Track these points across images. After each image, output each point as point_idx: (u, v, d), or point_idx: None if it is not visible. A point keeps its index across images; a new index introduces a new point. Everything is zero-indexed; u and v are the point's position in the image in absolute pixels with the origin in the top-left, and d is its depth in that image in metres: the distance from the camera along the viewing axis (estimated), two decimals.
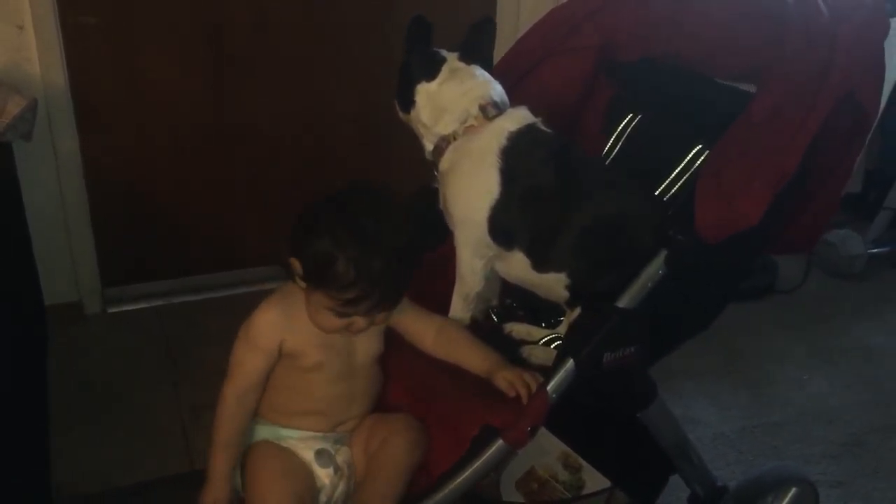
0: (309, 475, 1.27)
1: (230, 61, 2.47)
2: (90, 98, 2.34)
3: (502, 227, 1.36)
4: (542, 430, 1.74)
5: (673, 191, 1.42)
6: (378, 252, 1.15)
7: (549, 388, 1.26)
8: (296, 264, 1.21)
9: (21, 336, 2.04)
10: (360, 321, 1.22)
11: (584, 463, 1.70)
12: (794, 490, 1.66)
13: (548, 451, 1.73)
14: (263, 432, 1.30)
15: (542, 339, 1.52)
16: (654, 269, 1.28)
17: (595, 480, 1.66)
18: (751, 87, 1.39)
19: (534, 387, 1.28)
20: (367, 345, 1.31)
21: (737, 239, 1.25)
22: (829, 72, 1.26)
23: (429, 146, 1.44)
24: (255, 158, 2.59)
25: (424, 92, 1.42)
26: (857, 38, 1.28)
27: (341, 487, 1.30)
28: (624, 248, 1.33)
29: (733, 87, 1.45)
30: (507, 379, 1.29)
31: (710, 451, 2.04)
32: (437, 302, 1.47)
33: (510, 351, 1.44)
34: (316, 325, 1.23)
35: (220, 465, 1.25)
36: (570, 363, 1.27)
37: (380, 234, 1.16)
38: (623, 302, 1.28)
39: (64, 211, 2.40)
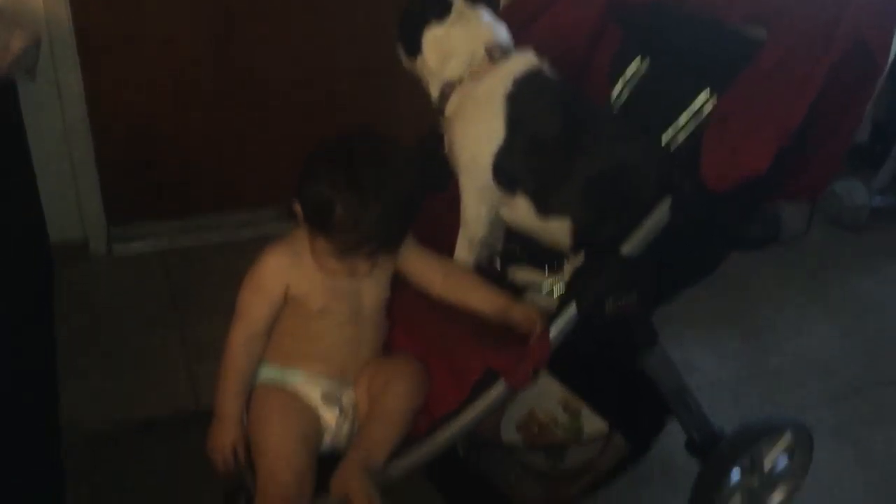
0: (313, 416, 1.29)
1: (238, 10, 2.44)
2: (94, 34, 2.31)
3: (506, 173, 1.37)
4: (544, 375, 1.79)
5: (679, 138, 1.41)
6: (376, 198, 1.16)
7: (551, 331, 1.28)
8: (298, 209, 1.22)
9: (27, 271, 2.05)
10: (362, 265, 1.23)
11: (583, 408, 1.74)
12: (789, 435, 1.69)
13: (549, 395, 1.76)
14: (268, 374, 1.31)
15: (545, 285, 1.53)
16: (659, 216, 1.29)
17: (594, 425, 1.70)
18: (760, 32, 1.38)
19: (542, 326, 1.29)
20: (374, 290, 1.32)
21: (742, 187, 1.26)
22: (838, 21, 1.26)
23: (434, 92, 1.44)
24: (258, 101, 2.56)
25: (432, 36, 1.42)
26: None
27: (346, 428, 1.32)
28: (628, 196, 1.33)
29: (742, 33, 1.43)
30: (523, 312, 1.32)
31: (708, 398, 2.02)
32: (442, 247, 1.48)
33: (513, 295, 1.46)
34: (320, 269, 1.24)
35: (229, 407, 1.27)
36: (572, 308, 1.29)
37: (378, 181, 1.16)
38: (627, 249, 1.29)
39: (68, 148, 2.39)
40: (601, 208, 1.36)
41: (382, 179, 1.17)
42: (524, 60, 1.39)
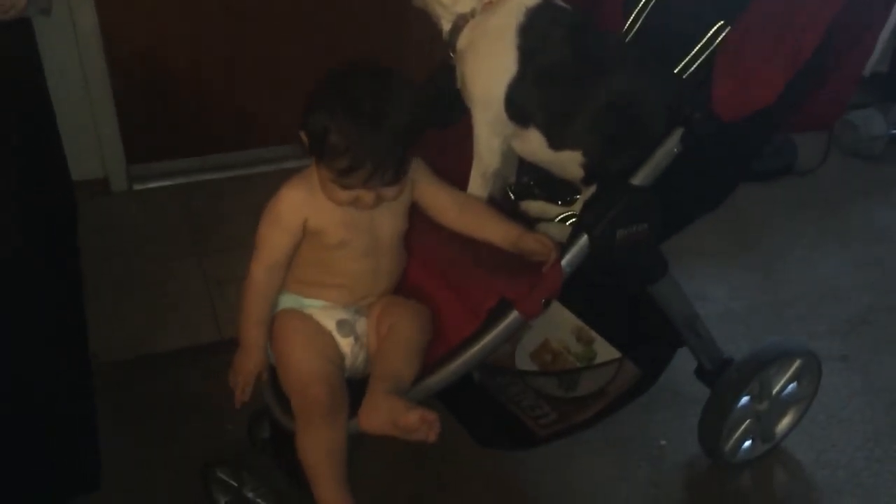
0: (332, 342, 1.33)
1: None
2: None
3: (519, 106, 1.37)
4: (556, 305, 1.83)
5: (693, 68, 1.40)
6: (368, 124, 1.17)
7: (563, 261, 1.31)
8: (303, 137, 1.24)
9: (51, 208, 2.09)
10: (365, 196, 1.24)
11: (596, 336, 1.78)
12: (798, 362, 1.72)
13: (561, 325, 1.80)
14: (287, 301, 1.35)
15: (557, 217, 1.55)
16: (669, 147, 1.30)
17: (606, 353, 1.74)
18: None
19: (556, 254, 1.31)
20: (390, 222, 1.34)
21: (753, 117, 1.27)
22: None
23: (446, 26, 1.43)
24: (270, 36, 2.57)
25: None
26: None
27: (361, 356, 1.36)
28: (639, 127, 1.34)
29: None
30: (536, 240, 1.33)
31: (718, 327, 2.04)
32: (455, 180, 1.50)
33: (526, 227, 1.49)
34: (328, 199, 1.26)
35: (252, 337, 1.32)
36: (584, 238, 1.31)
37: (373, 108, 1.18)
38: (637, 179, 1.31)
39: (86, 87, 2.42)
40: (613, 140, 1.36)
41: (377, 107, 1.18)
42: None
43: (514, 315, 1.30)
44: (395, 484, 1.72)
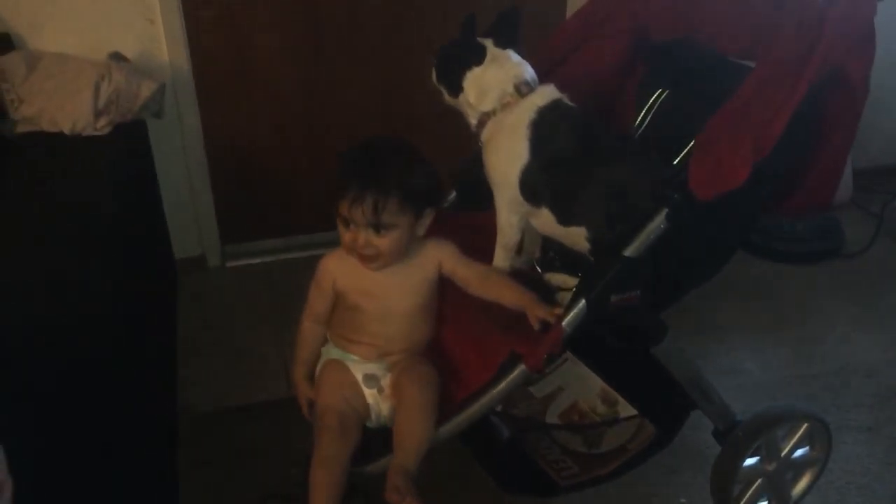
0: (358, 391, 1.56)
1: (324, 46, 2.74)
2: (209, 79, 2.65)
3: (531, 188, 1.59)
4: (586, 371, 2.01)
5: (681, 156, 1.61)
6: (367, 160, 1.48)
7: (564, 322, 1.50)
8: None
9: (157, 283, 2.40)
10: (360, 235, 1.49)
11: (620, 398, 1.94)
12: (805, 425, 1.83)
13: (590, 389, 1.97)
14: (334, 353, 1.61)
15: (575, 286, 1.76)
16: (656, 223, 1.48)
17: (628, 414, 1.90)
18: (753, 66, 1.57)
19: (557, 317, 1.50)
20: (402, 295, 1.58)
21: (731, 198, 1.45)
22: (816, 46, 1.43)
23: (473, 122, 1.67)
24: (343, 131, 2.84)
25: (472, 76, 1.63)
26: (843, 16, 1.41)
27: (386, 406, 1.57)
28: (632, 206, 1.54)
29: (744, 65, 1.62)
30: (541, 311, 1.52)
31: (748, 398, 2.20)
32: (487, 254, 1.73)
33: (548, 296, 1.68)
34: (345, 252, 1.53)
35: (296, 374, 1.61)
36: (582, 302, 1.50)
37: (371, 158, 1.48)
38: (629, 251, 1.49)
39: (189, 177, 2.74)
40: (610, 216, 1.55)
41: (374, 158, 1.48)
42: (547, 93, 1.61)
43: (521, 368, 1.50)
44: None
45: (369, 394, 1.56)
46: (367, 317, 1.58)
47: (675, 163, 1.58)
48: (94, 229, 1.80)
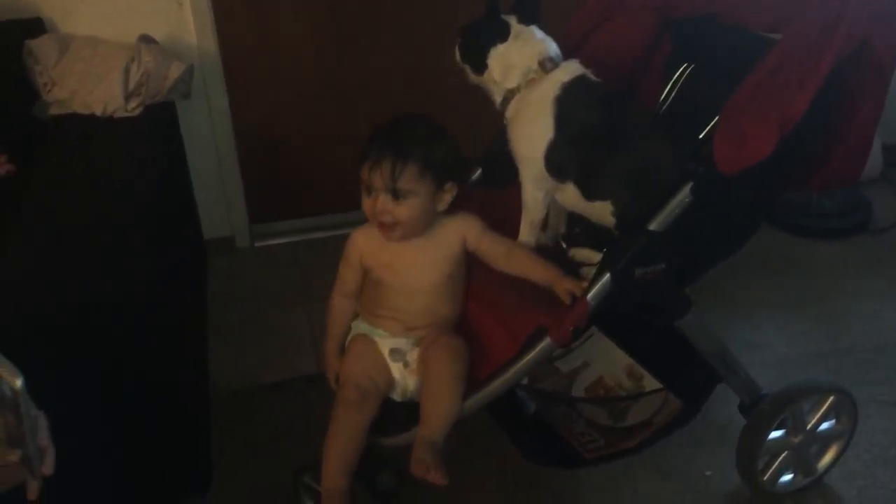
0: (384, 364, 1.59)
1: (348, 28, 2.77)
2: (236, 61, 2.69)
3: (556, 163, 1.60)
4: (611, 345, 2.03)
5: (707, 129, 1.61)
6: (387, 129, 1.52)
7: (588, 296, 1.52)
8: None
9: (187, 263, 2.45)
10: (378, 201, 1.53)
11: (645, 373, 1.95)
12: (831, 398, 1.83)
13: (616, 364, 1.98)
14: (362, 328, 1.64)
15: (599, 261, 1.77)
16: (681, 197, 1.48)
17: (653, 388, 1.91)
18: (778, 39, 1.57)
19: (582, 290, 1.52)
20: (421, 270, 1.60)
21: (754, 172, 1.45)
22: (840, 20, 1.43)
23: (498, 99, 1.68)
24: (368, 111, 2.84)
25: (496, 54, 1.65)
26: None
27: (412, 380, 1.59)
28: (656, 181, 1.55)
29: (769, 38, 1.61)
30: (564, 287, 1.55)
31: (774, 373, 2.20)
32: (512, 228, 1.74)
33: (573, 271, 1.69)
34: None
35: (327, 347, 1.65)
36: (607, 276, 1.51)
37: (393, 130, 1.52)
38: (653, 225, 1.50)
39: (218, 158, 2.78)
40: (635, 192, 1.56)
41: (399, 126, 1.53)
42: (570, 69, 1.62)
43: (546, 341, 1.52)
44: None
45: (395, 368, 1.59)
46: (391, 290, 1.60)
47: (699, 137, 1.59)
48: (127, 209, 1.84)
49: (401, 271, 1.60)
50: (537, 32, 1.66)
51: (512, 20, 1.66)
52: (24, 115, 2.24)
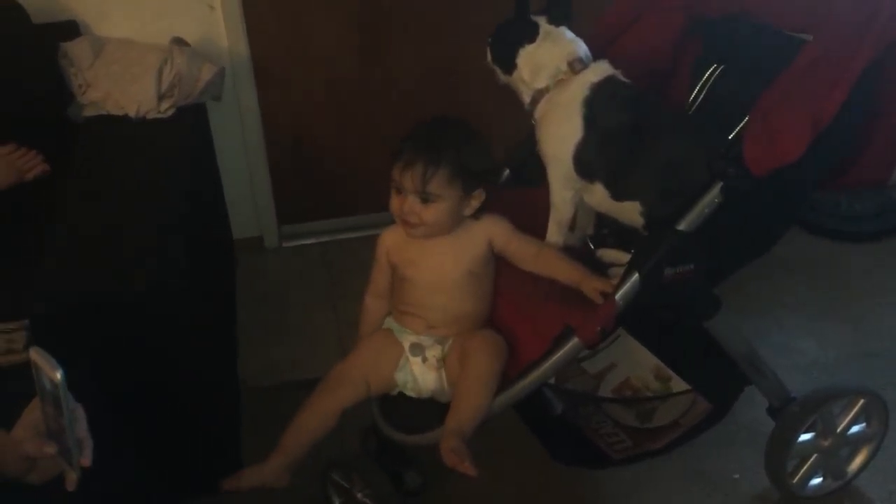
0: (396, 357, 1.61)
1: (377, 30, 2.78)
2: (266, 63, 2.70)
3: (585, 164, 1.60)
4: (639, 347, 2.02)
5: (736, 130, 1.60)
6: (423, 131, 1.54)
7: (617, 296, 1.52)
8: None
9: (217, 261, 2.47)
10: (406, 202, 1.55)
11: (673, 374, 1.95)
12: (861, 401, 1.82)
13: (643, 365, 1.98)
14: (390, 324, 1.67)
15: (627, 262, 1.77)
16: (710, 197, 1.48)
17: (681, 390, 1.91)
18: (809, 39, 1.56)
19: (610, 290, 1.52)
20: (444, 267, 1.61)
21: (785, 173, 1.45)
22: (874, 20, 1.42)
23: (527, 99, 1.69)
24: (397, 113, 2.84)
25: (526, 54, 1.65)
26: None
27: (430, 378, 1.61)
28: (686, 181, 1.54)
29: (800, 38, 1.60)
30: (593, 286, 1.55)
31: (804, 376, 2.19)
32: (541, 229, 1.75)
33: (601, 272, 1.69)
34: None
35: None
36: (635, 276, 1.51)
37: (425, 132, 1.54)
38: (682, 225, 1.50)
39: (247, 158, 2.80)
40: (664, 191, 1.56)
41: (434, 129, 1.55)
42: (600, 69, 1.62)
43: (574, 341, 1.52)
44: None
45: (413, 361, 1.60)
46: (414, 286, 1.62)
47: (729, 137, 1.59)
48: (158, 209, 1.87)
49: (423, 267, 1.62)
50: (567, 33, 1.66)
51: (541, 21, 1.66)
52: (58, 116, 2.27)
